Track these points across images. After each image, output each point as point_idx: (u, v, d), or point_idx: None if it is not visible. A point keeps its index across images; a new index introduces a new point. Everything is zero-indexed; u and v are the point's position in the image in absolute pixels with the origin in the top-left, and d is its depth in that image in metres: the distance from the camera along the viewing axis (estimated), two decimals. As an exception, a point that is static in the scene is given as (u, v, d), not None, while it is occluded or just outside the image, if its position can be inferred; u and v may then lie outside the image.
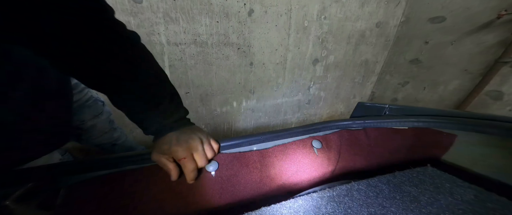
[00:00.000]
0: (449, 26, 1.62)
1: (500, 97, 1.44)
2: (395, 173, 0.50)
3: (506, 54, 1.34)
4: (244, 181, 0.51)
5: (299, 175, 0.57)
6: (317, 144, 0.61)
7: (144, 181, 0.44)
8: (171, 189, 0.45)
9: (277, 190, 0.56)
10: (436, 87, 1.80)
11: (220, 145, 0.52)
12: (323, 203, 0.39)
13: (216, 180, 0.48)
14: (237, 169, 0.51)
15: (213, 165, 0.49)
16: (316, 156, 0.60)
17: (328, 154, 0.62)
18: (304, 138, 0.62)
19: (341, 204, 0.39)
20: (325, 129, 0.66)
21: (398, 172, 0.50)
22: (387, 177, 0.48)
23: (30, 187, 0.35)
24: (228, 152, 0.53)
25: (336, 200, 0.40)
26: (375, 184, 0.45)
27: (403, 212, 0.37)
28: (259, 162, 0.53)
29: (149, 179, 0.45)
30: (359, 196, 0.41)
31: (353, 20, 1.80)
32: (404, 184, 0.45)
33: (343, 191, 0.42)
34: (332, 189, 0.42)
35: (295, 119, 2.28)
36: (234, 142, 0.54)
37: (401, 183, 0.46)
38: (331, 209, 0.38)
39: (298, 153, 0.58)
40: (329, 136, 0.65)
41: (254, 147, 0.56)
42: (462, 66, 1.59)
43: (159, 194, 0.44)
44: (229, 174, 0.50)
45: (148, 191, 0.44)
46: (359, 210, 0.38)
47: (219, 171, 0.49)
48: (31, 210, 0.33)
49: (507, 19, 1.31)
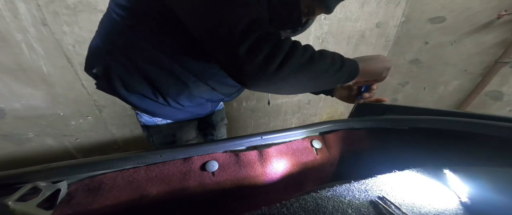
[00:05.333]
0: (449, 26, 1.62)
1: (500, 98, 1.44)
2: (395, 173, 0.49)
3: (506, 55, 1.34)
4: (244, 181, 0.51)
5: (299, 175, 0.57)
6: (317, 144, 0.61)
7: (144, 180, 0.44)
8: (171, 188, 0.45)
9: (277, 190, 0.56)
10: (436, 88, 1.80)
11: (220, 145, 0.52)
12: (323, 203, 0.39)
13: (216, 180, 0.48)
14: (237, 169, 0.51)
15: (213, 165, 0.49)
16: (316, 156, 0.60)
17: (328, 154, 0.62)
18: (304, 138, 0.62)
19: (341, 204, 0.39)
20: (325, 129, 0.66)
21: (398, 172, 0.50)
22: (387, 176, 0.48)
23: (30, 187, 0.35)
24: (228, 152, 0.53)
25: (336, 200, 0.40)
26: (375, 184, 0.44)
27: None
28: (259, 162, 0.53)
29: (150, 178, 0.45)
30: (359, 196, 0.41)
31: (353, 20, 1.80)
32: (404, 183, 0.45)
33: (343, 191, 0.42)
34: (332, 189, 0.42)
35: (295, 119, 2.28)
36: (234, 142, 0.54)
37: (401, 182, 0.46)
38: (331, 209, 0.38)
39: (298, 153, 0.58)
40: (329, 136, 0.65)
41: (254, 147, 0.56)
42: (462, 66, 1.59)
43: (159, 193, 0.44)
44: (229, 174, 0.50)
45: (148, 191, 0.44)
46: (359, 210, 0.38)
47: (219, 171, 0.49)
48: (31, 210, 0.33)
49: (507, 19, 1.31)
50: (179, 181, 0.46)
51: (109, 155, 0.46)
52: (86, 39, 1.08)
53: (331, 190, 0.42)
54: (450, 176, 0.47)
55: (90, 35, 0.54)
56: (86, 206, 0.39)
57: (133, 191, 0.43)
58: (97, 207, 0.39)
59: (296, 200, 0.39)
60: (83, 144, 1.42)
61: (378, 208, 0.38)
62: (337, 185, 0.43)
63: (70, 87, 1.19)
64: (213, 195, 0.49)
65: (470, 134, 0.53)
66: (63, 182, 0.40)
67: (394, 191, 0.43)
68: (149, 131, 0.71)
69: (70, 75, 1.15)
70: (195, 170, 0.48)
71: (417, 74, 1.93)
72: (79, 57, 1.12)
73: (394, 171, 0.50)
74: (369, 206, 0.39)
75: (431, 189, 0.45)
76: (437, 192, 0.44)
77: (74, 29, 1.04)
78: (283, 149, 0.57)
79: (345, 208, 0.38)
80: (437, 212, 0.39)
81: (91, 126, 1.38)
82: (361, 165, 0.67)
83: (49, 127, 1.26)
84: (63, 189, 0.39)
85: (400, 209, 0.38)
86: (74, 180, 0.41)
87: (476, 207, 0.40)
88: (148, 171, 0.45)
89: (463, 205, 0.41)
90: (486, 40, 1.44)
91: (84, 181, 0.41)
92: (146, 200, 0.43)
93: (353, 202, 0.40)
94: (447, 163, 0.51)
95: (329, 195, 0.41)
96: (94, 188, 0.41)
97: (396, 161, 0.62)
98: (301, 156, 0.58)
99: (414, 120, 0.62)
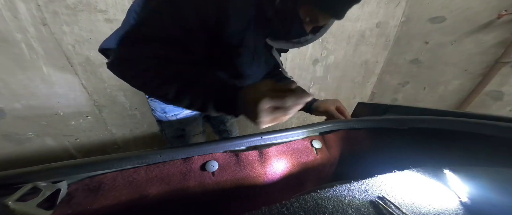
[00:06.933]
0: (449, 26, 1.62)
1: (500, 98, 1.44)
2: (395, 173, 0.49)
3: (506, 55, 1.34)
4: (244, 181, 0.51)
5: (299, 175, 0.57)
6: (317, 144, 0.61)
7: (144, 180, 0.44)
8: (171, 188, 0.45)
9: (277, 190, 0.56)
10: (436, 88, 1.80)
11: (220, 145, 0.52)
12: (323, 203, 0.39)
13: (216, 180, 0.48)
14: (237, 169, 0.51)
15: (213, 165, 0.49)
16: (316, 156, 0.60)
17: (328, 154, 0.62)
18: (304, 138, 0.62)
19: (341, 204, 0.39)
20: (325, 129, 0.66)
21: (398, 172, 0.50)
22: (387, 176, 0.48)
23: (30, 187, 0.35)
24: (228, 152, 0.53)
25: (336, 200, 0.40)
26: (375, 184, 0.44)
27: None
28: (259, 162, 0.53)
29: (150, 178, 0.45)
30: (359, 196, 0.41)
31: (353, 20, 1.80)
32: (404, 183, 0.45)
33: (343, 191, 0.42)
34: (332, 189, 0.42)
35: (295, 119, 2.28)
36: (234, 142, 0.54)
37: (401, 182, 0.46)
38: (331, 209, 0.38)
39: (298, 153, 0.58)
40: (329, 136, 0.65)
41: (254, 147, 0.56)
42: (462, 66, 1.59)
43: (159, 193, 0.44)
44: (229, 174, 0.50)
45: (148, 191, 0.44)
46: (359, 210, 0.38)
47: (219, 171, 0.49)
48: (31, 210, 0.33)
49: (507, 19, 1.31)
50: (179, 181, 0.46)
51: (109, 155, 0.46)
52: (86, 39, 1.08)
53: (331, 190, 0.42)
54: (450, 176, 0.47)
55: (90, 35, 0.55)
56: (86, 206, 0.39)
57: (133, 191, 0.43)
58: (97, 207, 0.39)
59: (296, 200, 0.39)
60: (83, 144, 1.42)
61: (378, 208, 0.38)
62: (337, 185, 0.43)
63: (70, 87, 1.19)
64: (213, 195, 0.49)
65: (470, 134, 0.53)
66: (63, 182, 0.40)
67: (394, 191, 0.43)
68: (162, 125, 0.83)
69: (70, 75, 1.15)
70: (195, 170, 0.48)
71: (417, 74, 1.93)
72: (79, 57, 1.12)
73: (394, 171, 0.50)
74: (369, 206, 0.39)
75: (431, 189, 0.45)
76: (437, 192, 0.44)
77: (74, 29, 1.04)
78: (283, 149, 0.57)
79: (345, 208, 0.38)
80: (437, 212, 0.39)
81: (91, 126, 1.38)
82: (361, 165, 0.67)
83: (49, 127, 1.26)
84: (63, 189, 0.39)
85: (400, 209, 0.38)
86: (74, 180, 0.41)
87: (476, 207, 0.40)
88: (148, 171, 0.45)
89: (463, 205, 0.41)
90: (486, 40, 1.44)
91: (84, 181, 0.41)
92: (146, 200, 0.43)
93: (353, 202, 0.40)
94: (447, 163, 0.51)
95: (329, 195, 0.41)
96: (94, 188, 0.41)
97: (396, 161, 0.62)
98: (301, 156, 0.58)
99: (414, 120, 0.62)
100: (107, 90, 1.29)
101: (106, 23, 1.08)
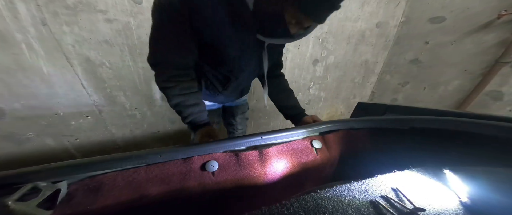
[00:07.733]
0: (449, 26, 1.62)
1: (500, 98, 1.44)
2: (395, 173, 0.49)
3: (506, 55, 1.34)
4: (244, 181, 0.51)
5: (299, 175, 0.57)
6: (317, 144, 0.61)
7: (144, 180, 0.44)
8: (171, 188, 0.45)
9: (277, 190, 0.56)
10: (436, 88, 1.80)
11: (220, 145, 0.52)
12: (323, 203, 0.39)
13: (216, 180, 0.48)
14: (237, 169, 0.51)
15: (213, 165, 0.49)
16: (316, 156, 0.60)
17: (328, 154, 0.62)
18: (304, 138, 0.62)
19: (341, 204, 0.39)
20: (325, 129, 0.66)
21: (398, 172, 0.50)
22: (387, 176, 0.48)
23: (30, 187, 0.35)
24: (228, 152, 0.53)
25: (336, 200, 0.40)
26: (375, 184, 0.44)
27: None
28: (259, 162, 0.53)
29: (150, 179, 0.45)
30: (359, 196, 0.41)
31: (353, 20, 1.80)
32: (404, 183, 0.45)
33: (343, 191, 0.42)
34: (332, 189, 0.42)
35: (295, 119, 2.27)
36: (234, 142, 0.54)
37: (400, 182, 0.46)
38: (331, 209, 0.38)
39: (298, 153, 0.58)
40: (329, 136, 0.65)
41: (254, 147, 0.56)
42: (462, 66, 1.59)
43: (159, 193, 0.44)
44: (229, 174, 0.50)
45: (148, 191, 0.44)
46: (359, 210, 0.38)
47: (219, 171, 0.49)
48: (31, 210, 0.33)
49: (507, 19, 1.31)
50: (179, 181, 0.46)
51: (109, 155, 0.46)
52: (86, 39, 1.08)
53: (331, 190, 0.42)
54: (450, 176, 0.47)
55: (90, 35, 0.55)
56: (86, 206, 0.39)
57: (133, 191, 0.43)
58: (97, 207, 0.39)
59: (296, 200, 0.39)
60: (83, 144, 1.42)
61: (378, 208, 0.38)
62: (337, 185, 0.43)
63: (70, 87, 1.19)
64: (213, 195, 0.49)
65: (470, 134, 0.53)
66: (63, 182, 0.40)
67: (393, 191, 0.43)
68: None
69: (70, 75, 1.15)
70: (195, 170, 0.48)
71: (417, 74, 1.93)
72: (79, 57, 1.12)
73: (394, 171, 0.50)
74: (369, 206, 0.39)
75: (431, 189, 0.45)
76: (437, 192, 0.44)
77: (74, 29, 1.04)
78: (283, 149, 0.57)
79: (345, 208, 0.38)
80: (437, 212, 0.39)
81: (91, 126, 1.38)
82: (361, 165, 0.67)
83: (49, 127, 1.26)
84: (63, 189, 0.39)
85: (400, 209, 0.38)
86: (74, 180, 0.41)
87: (476, 207, 0.40)
88: (148, 171, 0.45)
89: (463, 205, 0.41)
90: (486, 40, 1.43)
91: (84, 181, 0.41)
92: (146, 200, 0.43)
93: (353, 202, 0.40)
94: (447, 163, 0.51)
95: (329, 195, 0.41)
96: (94, 188, 0.41)
97: (396, 161, 0.62)
98: (301, 156, 0.58)
99: (414, 120, 0.62)
100: (107, 90, 1.29)
101: (106, 23, 1.08)
